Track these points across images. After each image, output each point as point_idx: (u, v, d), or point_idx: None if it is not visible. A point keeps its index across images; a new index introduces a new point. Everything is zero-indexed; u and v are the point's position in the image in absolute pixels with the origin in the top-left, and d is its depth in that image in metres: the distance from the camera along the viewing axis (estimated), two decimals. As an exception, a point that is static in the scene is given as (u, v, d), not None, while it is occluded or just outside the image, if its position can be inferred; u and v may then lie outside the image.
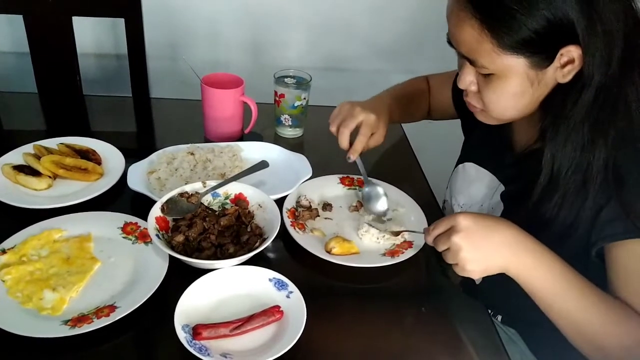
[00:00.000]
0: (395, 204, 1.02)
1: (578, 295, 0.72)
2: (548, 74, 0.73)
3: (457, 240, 0.71)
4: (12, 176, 0.98)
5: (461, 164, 1.04)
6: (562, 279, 0.72)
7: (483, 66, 0.74)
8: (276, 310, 0.75)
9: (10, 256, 0.82)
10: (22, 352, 0.70)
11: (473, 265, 0.72)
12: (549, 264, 0.73)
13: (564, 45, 0.69)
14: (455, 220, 0.72)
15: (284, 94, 1.20)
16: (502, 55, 0.71)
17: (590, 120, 0.72)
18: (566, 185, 0.75)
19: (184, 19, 1.70)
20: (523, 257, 0.73)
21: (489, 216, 0.75)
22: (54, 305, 0.75)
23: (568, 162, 0.74)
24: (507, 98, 0.76)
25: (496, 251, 0.72)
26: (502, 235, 0.73)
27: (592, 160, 0.72)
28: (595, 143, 0.72)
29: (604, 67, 0.70)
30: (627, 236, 0.72)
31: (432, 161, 1.29)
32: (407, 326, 0.79)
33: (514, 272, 0.73)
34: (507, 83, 0.74)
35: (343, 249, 0.88)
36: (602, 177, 0.73)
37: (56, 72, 1.45)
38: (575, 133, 0.73)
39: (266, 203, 0.92)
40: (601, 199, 0.74)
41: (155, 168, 1.02)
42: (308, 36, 1.76)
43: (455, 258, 0.72)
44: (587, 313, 0.72)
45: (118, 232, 0.89)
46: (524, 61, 0.71)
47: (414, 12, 1.72)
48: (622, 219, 0.72)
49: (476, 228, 0.71)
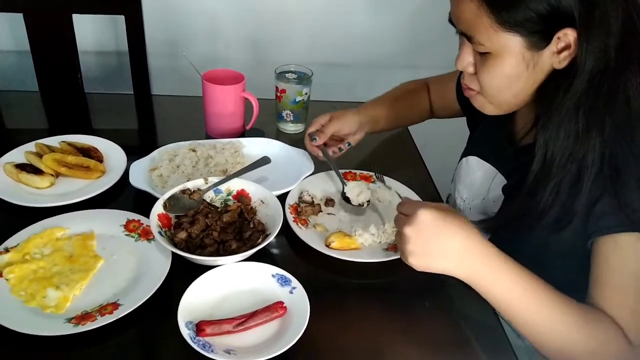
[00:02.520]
0: (399, 199, 1.02)
1: (538, 302, 0.71)
2: (544, 57, 0.73)
3: (408, 232, 0.71)
4: (14, 175, 0.98)
5: (464, 157, 1.04)
6: (520, 286, 0.71)
7: (480, 43, 0.74)
8: (279, 306, 0.75)
9: (14, 255, 0.82)
10: (26, 350, 0.70)
11: (415, 259, 0.72)
12: (505, 273, 0.71)
13: (561, 27, 0.69)
14: (416, 211, 0.71)
15: (285, 90, 1.19)
16: (499, 32, 0.71)
17: (585, 108, 0.71)
18: (560, 174, 0.74)
19: (184, 15, 1.69)
20: (471, 266, 0.71)
21: (453, 218, 0.71)
22: (58, 304, 0.75)
23: (561, 150, 0.73)
24: (502, 79, 0.76)
25: (443, 254, 0.71)
26: (455, 241, 0.71)
27: (587, 151, 0.72)
28: (590, 133, 0.71)
29: (598, 54, 0.69)
30: (618, 230, 0.71)
31: (435, 156, 1.29)
32: (411, 321, 0.78)
33: (462, 277, 0.72)
34: (503, 63, 0.74)
35: (342, 244, 0.88)
36: (598, 168, 0.72)
37: (57, 70, 1.45)
38: (568, 120, 0.72)
39: (268, 199, 0.91)
40: (596, 191, 0.73)
41: (157, 165, 1.02)
42: (309, 31, 1.75)
43: (402, 246, 0.73)
44: (549, 319, 0.71)
45: (120, 229, 0.89)
46: (520, 40, 0.71)
47: (416, 6, 1.71)
48: (615, 213, 0.71)
49: (431, 226, 0.70)
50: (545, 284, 0.72)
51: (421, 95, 1.21)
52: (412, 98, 1.20)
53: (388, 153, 1.25)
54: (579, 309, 0.71)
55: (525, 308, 0.71)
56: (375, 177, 1.07)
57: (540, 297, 0.71)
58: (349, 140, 1.09)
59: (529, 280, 0.71)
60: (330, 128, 1.06)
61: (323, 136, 1.05)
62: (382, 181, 1.05)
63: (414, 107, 1.21)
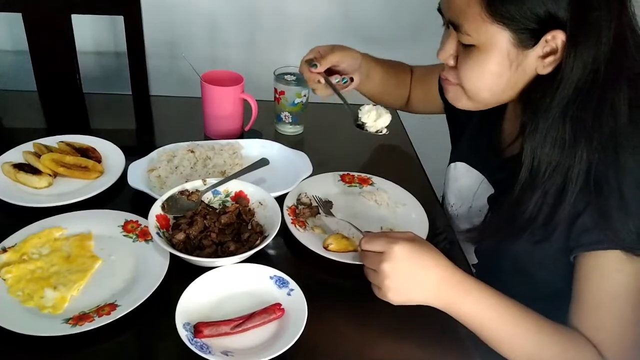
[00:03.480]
0: (396, 201, 1.02)
1: (510, 324, 0.73)
2: (529, 59, 0.72)
3: (386, 268, 0.72)
4: (12, 174, 0.98)
5: (453, 163, 1.04)
6: (490, 311, 0.73)
7: (467, 33, 0.72)
8: (277, 308, 0.75)
9: (11, 255, 0.82)
10: (24, 351, 0.70)
11: (394, 294, 0.73)
12: (476, 299, 0.73)
13: (551, 28, 0.68)
14: (390, 247, 0.72)
15: (284, 91, 1.20)
16: (487, 23, 0.70)
17: (572, 119, 0.70)
18: (546, 185, 0.73)
19: (183, 16, 1.69)
20: (447, 295, 0.73)
21: (427, 250, 0.74)
22: (55, 304, 0.75)
23: (547, 159, 0.73)
24: (483, 75, 0.75)
25: (420, 287, 0.73)
26: (430, 273, 0.73)
27: (574, 163, 0.71)
28: (578, 144, 0.71)
29: (587, 63, 0.68)
30: (599, 247, 0.72)
31: (433, 158, 1.29)
32: (409, 324, 0.78)
33: (439, 306, 0.74)
34: (487, 57, 0.73)
35: (340, 246, 0.88)
36: (583, 181, 0.72)
37: (56, 70, 1.45)
38: (554, 129, 0.72)
39: (267, 201, 0.91)
40: (580, 205, 0.73)
41: (156, 166, 1.02)
42: (308, 33, 1.75)
43: (380, 283, 0.73)
44: (520, 340, 0.73)
45: (119, 230, 0.89)
46: (508, 36, 0.70)
47: (414, 7, 1.71)
48: (597, 229, 0.71)
49: (408, 262, 0.72)
50: (519, 306, 0.74)
51: (406, 79, 1.19)
52: (400, 76, 1.18)
53: (385, 155, 1.25)
54: (552, 328, 0.73)
55: (499, 330, 0.73)
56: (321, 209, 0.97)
57: (515, 320, 0.73)
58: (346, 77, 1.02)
59: (502, 305, 0.73)
60: (333, 57, 1.00)
61: (325, 63, 0.99)
62: (329, 213, 0.96)
63: (399, 85, 1.18)
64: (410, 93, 1.20)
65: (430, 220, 0.97)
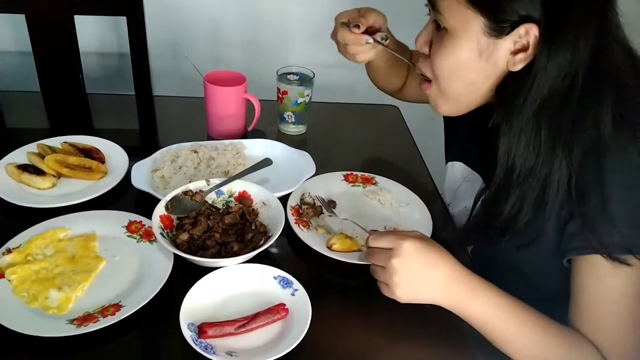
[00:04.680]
0: (399, 200, 1.02)
1: (515, 324, 0.72)
2: (499, 50, 0.71)
3: (395, 264, 0.71)
4: (16, 175, 0.98)
5: (450, 162, 1.03)
6: (497, 311, 0.72)
7: (441, 13, 0.72)
8: (281, 308, 0.75)
9: (16, 255, 0.82)
10: (28, 352, 0.70)
11: (403, 291, 0.72)
12: (483, 298, 0.73)
13: (526, 21, 0.67)
14: (400, 244, 0.71)
15: (287, 91, 1.19)
16: (462, 6, 0.69)
17: (548, 123, 0.69)
18: (523, 187, 0.73)
19: (185, 16, 1.69)
20: (455, 294, 0.73)
21: (434, 248, 0.73)
22: (60, 305, 0.75)
23: (521, 160, 0.72)
24: (453, 63, 0.74)
25: (428, 284, 0.73)
26: (438, 270, 0.72)
27: (552, 170, 0.70)
28: (555, 151, 0.70)
29: (562, 64, 0.67)
30: (589, 251, 0.71)
31: (436, 158, 1.29)
32: (413, 324, 0.78)
33: (446, 305, 0.74)
34: (458, 44, 0.72)
35: (344, 246, 0.88)
36: (565, 191, 0.71)
37: (59, 71, 1.45)
38: (528, 129, 0.70)
39: (270, 201, 0.91)
40: (566, 212, 0.72)
41: (159, 166, 1.02)
42: (311, 33, 1.75)
43: (388, 279, 0.72)
44: (525, 339, 0.73)
45: (122, 230, 0.89)
46: (481, 22, 0.69)
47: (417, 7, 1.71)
48: (582, 234, 0.71)
49: (417, 258, 0.71)
50: (525, 306, 0.74)
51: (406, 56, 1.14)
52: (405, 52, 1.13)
53: (389, 154, 1.25)
54: (556, 330, 0.73)
55: (505, 330, 0.73)
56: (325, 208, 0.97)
57: (520, 321, 0.73)
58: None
59: (508, 304, 0.73)
60: (371, 17, 0.96)
61: (365, 22, 0.94)
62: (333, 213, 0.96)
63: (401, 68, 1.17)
64: (407, 76, 1.18)
65: (434, 219, 0.97)
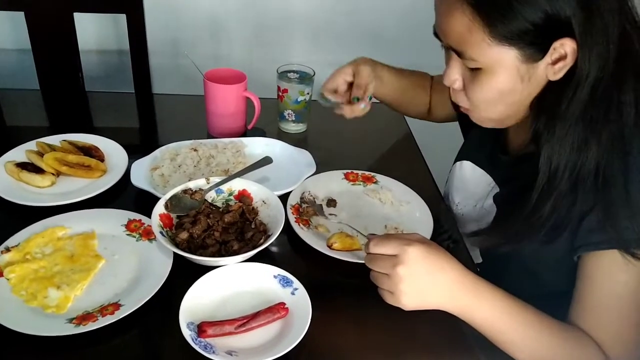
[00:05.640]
0: (400, 199, 1.02)
1: (521, 327, 0.72)
2: (539, 69, 0.70)
3: (401, 272, 0.68)
4: (15, 174, 0.98)
5: (459, 161, 1.03)
6: (504, 314, 0.71)
7: (472, 58, 0.70)
8: (281, 307, 0.75)
9: (14, 254, 0.81)
10: (27, 351, 0.70)
11: (408, 299, 0.69)
12: (489, 302, 0.71)
13: (558, 37, 0.66)
14: (404, 249, 0.68)
15: (287, 89, 1.19)
16: (493, 46, 0.67)
17: (585, 120, 0.69)
18: (560, 188, 0.72)
19: (185, 13, 1.69)
20: (462, 298, 0.71)
21: (439, 252, 0.71)
22: (59, 304, 0.75)
23: (564, 164, 0.71)
24: (494, 95, 0.73)
25: (435, 291, 0.70)
26: (445, 275, 0.70)
27: (585, 162, 0.70)
28: (589, 143, 0.69)
29: (600, 63, 0.67)
30: (604, 246, 0.71)
31: (437, 157, 1.28)
32: (413, 322, 0.78)
33: (452, 311, 0.72)
34: (496, 78, 0.71)
35: (344, 245, 0.88)
36: (591, 182, 0.70)
37: (58, 69, 1.44)
38: (571, 134, 0.70)
39: (270, 199, 0.91)
40: (586, 205, 0.72)
41: (159, 164, 1.02)
42: (311, 30, 1.75)
43: (393, 287, 0.69)
44: (530, 341, 0.72)
45: (122, 229, 0.88)
46: (515, 54, 0.68)
47: (418, 4, 1.70)
48: (602, 229, 0.70)
49: (422, 264, 0.68)
50: (530, 309, 0.73)
51: (425, 85, 1.18)
52: (421, 87, 1.16)
53: (389, 153, 1.25)
54: (560, 329, 0.73)
55: (511, 333, 0.72)
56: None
57: (525, 323, 0.72)
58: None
59: (515, 307, 0.72)
60: (371, 89, 1.00)
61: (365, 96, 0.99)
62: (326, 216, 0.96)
63: (417, 96, 1.17)
64: (430, 101, 1.18)
65: (435, 218, 0.96)
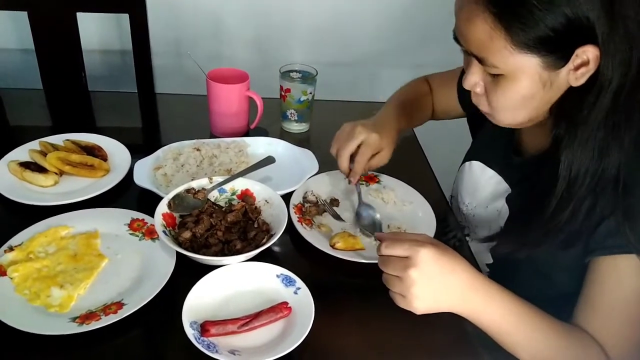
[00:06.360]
0: (403, 199, 1.02)
1: (528, 329, 0.71)
2: (561, 75, 0.69)
3: (413, 274, 0.66)
4: (18, 173, 0.98)
5: (468, 161, 1.02)
6: (511, 315, 0.71)
7: (493, 65, 0.69)
8: (284, 307, 0.75)
9: (18, 253, 0.82)
10: (30, 350, 0.70)
11: (420, 302, 0.68)
12: (498, 304, 0.71)
13: (580, 44, 0.65)
14: (416, 251, 0.67)
15: (289, 89, 1.19)
16: (515, 54, 0.67)
17: (606, 125, 0.68)
18: (580, 194, 0.71)
19: (188, 13, 1.69)
20: (472, 300, 0.70)
21: (450, 254, 0.70)
22: (62, 303, 0.75)
23: (585, 170, 0.70)
24: (516, 101, 0.72)
25: (446, 293, 0.69)
26: (456, 278, 0.69)
27: (606, 168, 0.69)
28: (611, 149, 0.69)
29: (622, 70, 0.66)
30: (620, 251, 0.70)
31: (440, 157, 1.28)
32: (416, 322, 0.78)
33: (462, 313, 0.72)
34: (517, 84, 0.70)
35: (347, 244, 0.88)
36: (612, 187, 0.70)
37: (61, 69, 1.45)
38: (594, 138, 0.69)
39: (273, 199, 0.91)
40: (606, 209, 0.71)
41: (162, 164, 1.02)
42: (314, 30, 1.74)
43: (404, 291, 0.68)
44: (536, 343, 0.72)
45: (125, 228, 0.88)
46: (537, 61, 0.67)
47: (419, 5, 1.70)
48: (620, 233, 0.70)
49: (435, 266, 0.67)
50: (537, 311, 0.73)
51: (428, 98, 1.17)
52: (425, 101, 1.16)
53: (393, 154, 1.24)
54: (565, 331, 0.73)
55: (518, 335, 0.72)
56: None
57: (532, 325, 0.72)
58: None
59: (522, 309, 0.72)
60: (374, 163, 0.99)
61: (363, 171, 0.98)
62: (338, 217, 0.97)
63: (424, 111, 1.17)
64: (434, 108, 1.18)
65: (438, 218, 0.96)
